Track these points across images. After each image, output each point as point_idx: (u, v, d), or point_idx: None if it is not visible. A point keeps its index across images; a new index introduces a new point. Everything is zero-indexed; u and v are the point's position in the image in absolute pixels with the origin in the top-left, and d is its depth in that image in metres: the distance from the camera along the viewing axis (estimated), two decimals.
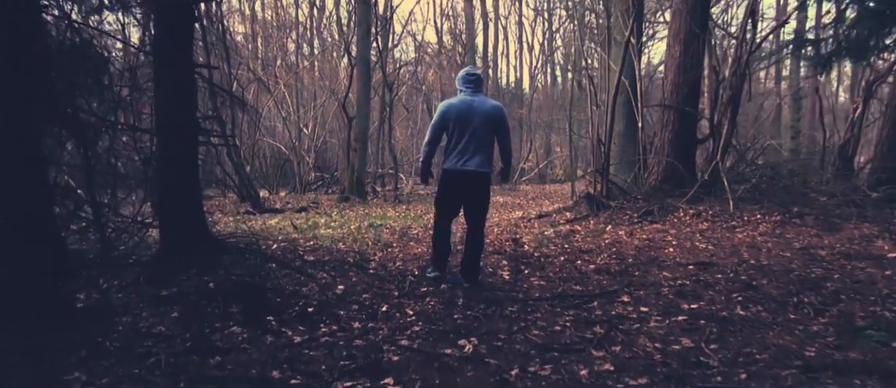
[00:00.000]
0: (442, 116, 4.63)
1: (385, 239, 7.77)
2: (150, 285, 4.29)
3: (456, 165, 4.60)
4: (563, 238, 7.46)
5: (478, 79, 4.76)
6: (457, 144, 4.59)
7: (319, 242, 7.27)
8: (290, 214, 13.40)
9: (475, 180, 4.64)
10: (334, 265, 5.63)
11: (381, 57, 17.33)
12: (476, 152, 4.58)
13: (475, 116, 4.56)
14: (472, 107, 4.60)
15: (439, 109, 4.71)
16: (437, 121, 4.68)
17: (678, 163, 9.11)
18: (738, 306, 4.14)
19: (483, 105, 4.63)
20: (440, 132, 4.70)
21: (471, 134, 4.56)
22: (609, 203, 8.84)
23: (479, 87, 4.74)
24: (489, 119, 4.60)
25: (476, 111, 4.58)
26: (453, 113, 4.59)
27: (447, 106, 4.66)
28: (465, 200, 4.78)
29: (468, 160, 4.57)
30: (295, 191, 20.28)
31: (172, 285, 4.31)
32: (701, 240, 6.78)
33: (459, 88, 4.77)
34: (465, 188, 4.68)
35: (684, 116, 9.20)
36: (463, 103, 4.62)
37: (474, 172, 4.60)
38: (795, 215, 7.65)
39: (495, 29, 33.41)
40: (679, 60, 9.17)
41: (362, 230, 9.05)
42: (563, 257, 6.20)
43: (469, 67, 5.09)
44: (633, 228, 7.74)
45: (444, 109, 4.66)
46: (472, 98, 4.64)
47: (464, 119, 4.56)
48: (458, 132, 4.57)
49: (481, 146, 4.60)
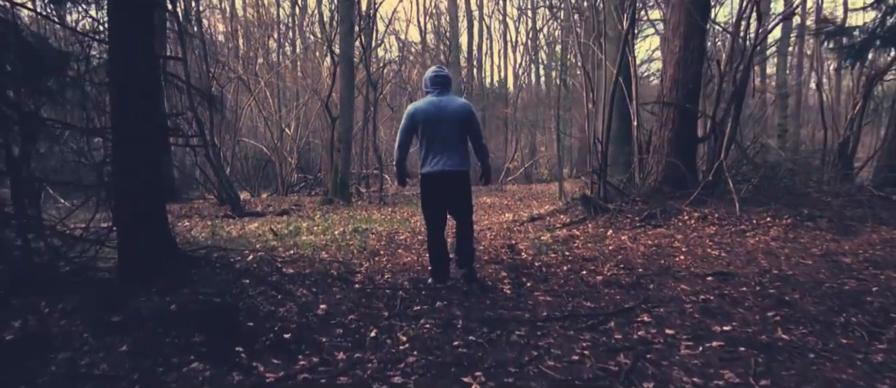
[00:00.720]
0: (410, 118, 4.55)
1: (371, 246, 7.17)
2: (100, 310, 3.65)
3: (432, 168, 4.52)
4: (563, 244, 6.91)
5: (445, 79, 4.64)
6: (430, 146, 4.52)
7: (300, 250, 6.65)
8: (271, 217, 12.74)
9: (453, 180, 4.56)
10: (316, 279, 5.02)
11: (365, 55, 16.69)
12: (449, 153, 4.51)
13: (444, 116, 4.48)
14: (440, 107, 4.50)
15: (406, 111, 4.62)
16: (404, 124, 4.59)
17: (679, 163, 8.60)
18: (777, 328, 3.59)
19: (451, 104, 4.53)
20: (409, 135, 4.61)
21: (441, 135, 4.48)
22: (607, 206, 8.31)
23: (446, 87, 4.62)
24: (458, 118, 4.51)
25: (444, 111, 4.49)
26: (420, 115, 4.50)
27: (414, 108, 4.56)
28: (448, 201, 4.71)
29: (443, 161, 4.50)
30: (277, 193, 19.57)
31: (127, 309, 3.67)
32: (712, 246, 6.26)
33: (426, 89, 4.66)
34: (446, 189, 4.61)
35: (685, 114, 8.69)
36: (430, 105, 4.52)
37: (450, 171, 4.52)
38: (806, 217, 7.17)
39: (480, 28, 32.91)
40: (679, 56, 8.66)
41: (347, 236, 8.44)
42: (565, 266, 5.64)
43: (436, 67, 4.91)
44: (636, 232, 7.21)
45: (411, 111, 4.57)
46: (440, 99, 4.54)
47: (432, 120, 4.47)
48: (428, 134, 4.50)
49: (453, 146, 4.52)
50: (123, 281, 4.19)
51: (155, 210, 4.46)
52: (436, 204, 4.73)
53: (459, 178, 4.59)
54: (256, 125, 22.25)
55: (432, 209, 4.77)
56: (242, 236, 8.37)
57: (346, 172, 15.11)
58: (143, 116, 4.23)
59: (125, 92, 4.18)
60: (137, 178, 4.27)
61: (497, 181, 23.34)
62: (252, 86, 19.67)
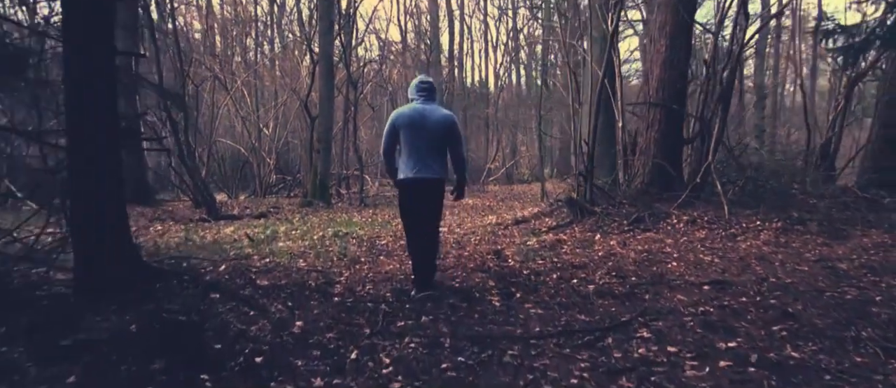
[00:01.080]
0: (393, 123, 4.52)
1: (352, 252, 6.84)
2: (50, 332, 3.29)
3: (409, 174, 4.49)
4: (550, 250, 6.64)
5: (430, 87, 4.63)
6: (409, 153, 4.49)
7: (276, 258, 6.29)
8: (248, 221, 12.33)
9: (428, 187, 4.53)
10: (292, 291, 4.68)
11: (345, 54, 16.32)
12: (428, 160, 4.47)
13: (427, 124, 4.46)
14: (424, 115, 4.48)
15: (390, 117, 4.58)
16: (388, 129, 4.56)
17: (665, 165, 8.39)
18: (786, 344, 3.35)
19: (434, 114, 4.51)
20: (392, 140, 4.58)
21: (422, 143, 4.45)
22: (593, 209, 8.06)
23: (431, 95, 4.62)
24: (441, 128, 4.49)
25: (427, 120, 4.46)
26: (403, 121, 4.47)
27: (397, 114, 4.53)
28: (423, 207, 4.63)
29: (420, 168, 4.46)
30: (255, 194, 19.09)
31: (80, 331, 3.32)
32: (704, 251, 6.03)
33: (412, 96, 4.64)
34: (421, 195, 4.56)
35: (671, 115, 8.48)
36: (414, 112, 4.49)
37: (427, 179, 4.48)
38: (796, 221, 6.99)
39: (461, 28, 32.63)
40: (665, 55, 8.45)
41: (326, 241, 8.10)
42: (555, 274, 5.37)
43: (422, 75, 4.91)
44: (624, 237, 6.97)
45: (394, 116, 4.54)
46: (424, 107, 4.52)
47: (415, 127, 4.45)
48: (409, 141, 4.48)
49: (433, 155, 4.49)
50: (79, 297, 3.82)
51: (116, 218, 4.10)
52: (415, 210, 4.66)
53: (434, 185, 4.55)
54: (234, 125, 21.72)
55: (412, 216, 4.70)
56: (216, 242, 7.98)
57: (326, 173, 14.73)
58: (102, 116, 3.87)
59: (81, 90, 3.81)
60: (95, 182, 3.90)
61: (479, 182, 23.10)
62: (228, 84, 19.16)
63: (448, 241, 7.97)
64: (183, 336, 3.37)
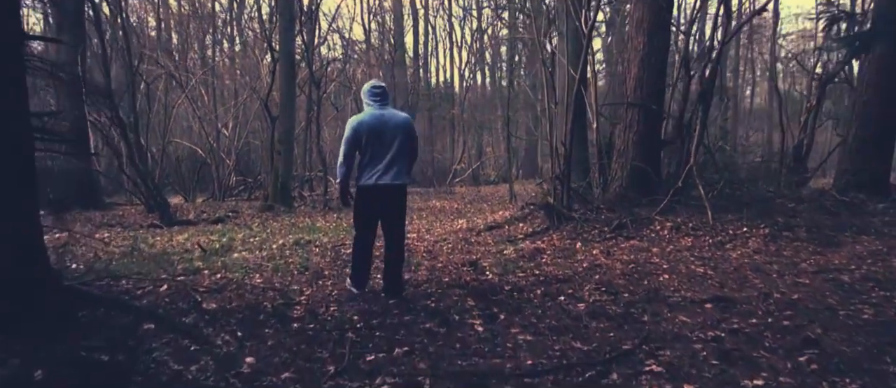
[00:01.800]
0: (354, 131, 4.37)
1: (315, 264, 6.20)
2: None
3: (373, 180, 4.37)
4: (529, 260, 6.11)
5: (384, 92, 4.54)
6: (372, 159, 4.38)
7: (229, 273, 5.60)
8: (204, 226, 11.52)
9: (394, 193, 4.46)
10: (244, 317, 4.03)
11: (307, 52, 15.56)
12: (392, 165, 4.39)
13: (388, 129, 4.38)
14: (385, 120, 4.40)
15: (350, 125, 4.41)
16: (350, 137, 4.39)
17: (645, 167, 7.95)
18: (820, 381, 2.85)
19: (394, 118, 4.45)
20: (354, 149, 4.43)
21: (385, 148, 4.37)
22: (571, 214, 7.56)
23: (385, 99, 4.52)
24: (401, 131, 4.42)
25: (388, 124, 4.40)
26: (365, 128, 4.35)
27: (358, 122, 4.39)
28: (384, 214, 4.56)
29: (385, 174, 4.37)
30: (214, 197, 18.15)
31: None
32: (694, 262, 5.57)
33: (366, 101, 4.51)
34: (384, 202, 4.47)
35: (650, 115, 8.05)
36: (373, 118, 4.39)
37: (392, 185, 4.40)
38: (782, 227, 6.61)
39: (425, 28, 32.01)
40: (643, 53, 8.01)
41: (286, 250, 7.43)
42: (539, 289, 4.83)
43: (373, 80, 4.91)
44: (607, 245, 6.48)
45: (355, 125, 4.39)
46: (382, 111, 4.44)
47: (377, 133, 4.35)
48: (371, 147, 4.37)
49: (397, 158, 4.41)
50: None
51: (25, 234, 3.38)
52: (372, 217, 4.58)
53: (399, 191, 4.49)
54: (191, 125, 20.68)
55: (367, 221, 4.61)
56: (165, 253, 7.22)
57: (288, 175, 13.97)
58: (5, 114, 3.16)
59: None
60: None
61: (445, 183, 22.53)
62: (184, 82, 18.16)
63: (418, 249, 7.37)
64: (102, 383, 2.71)
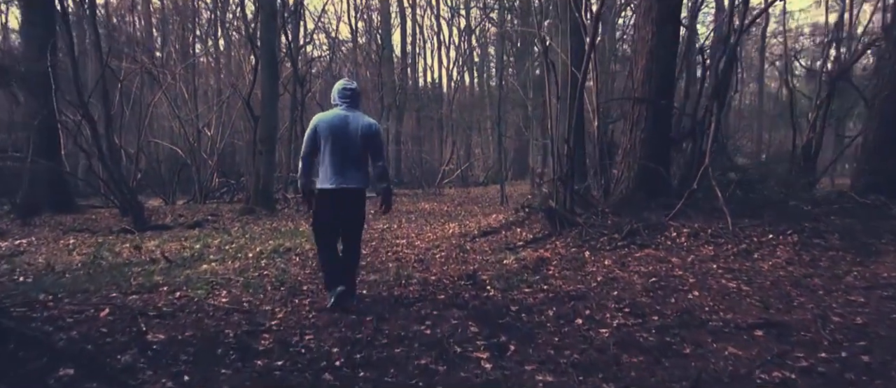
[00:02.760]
0: (314, 129, 4.23)
1: (293, 276, 5.43)
2: None
3: (329, 183, 4.20)
4: (534, 272, 5.36)
5: (354, 93, 4.35)
6: (330, 160, 4.19)
7: (191, 291, 4.79)
8: (180, 231, 10.68)
9: (349, 197, 4.26)
10: (197, 351, 3.24)
11: (290, 49, 14.73)
12: (349, 169, 4.21)
13: (349, 131, 4.20)
14: (347, 122, 4.22)
15: (312, 121, 4.29)
16: (309, 133, 4.26)
17: (657, 168, 7.23)
18: None
19: (358, 121, 4.24)
20: (313, 145, 4.26)
21: (344, 150, 4.19)
22: (575, 219, 6.83)
23: (355, 101, 4.34)
24: (363, 136, 4.23)
25: (350, 126, 4.21)
26: (325, 127, 4.20)
27: (319, 120, 4.25)
28: (340, 218, 4.32)
29: (342, 177, 4.19)
30: (195, 200, 17.25)
31: None
32: (724, 275, 4.85)
33: (335, 101, 4.34)
34: (340, 206, 4.26)
35: (659, 112, 7.34)
36: (337, 118, 4.22)
37: (348, 189, 4.22)
38: (811, 233, 5.91)
39: (413, 27, 31.22)
40: (651, 44, 7.30)
41: (263, 260, 6.64)
42: (550, 309, 4.08)
43: (345, 80, 4.53)
44: (619, 254, 5.74)
45: (316, 122, 4.26)
46: (348, 113, 4.25)
47: (337, 134, 4.17)
48: (330, 148, 4.18)
49: (355, 163, 4.24)
50: None
51: None
52: (330, 220, 4.32)
53: (355, 195, 4.28)
54: (172, 125, 19.73)
55: (327, 226, 4.34)
56: (126, 265, 6.41)
57: (270, 177, 13.13)
58: None
59: None
60: None
61: (434, 185, 21.77)
62: (163, 80, 17.23)
63: (409, 258, 6.61)
64: None
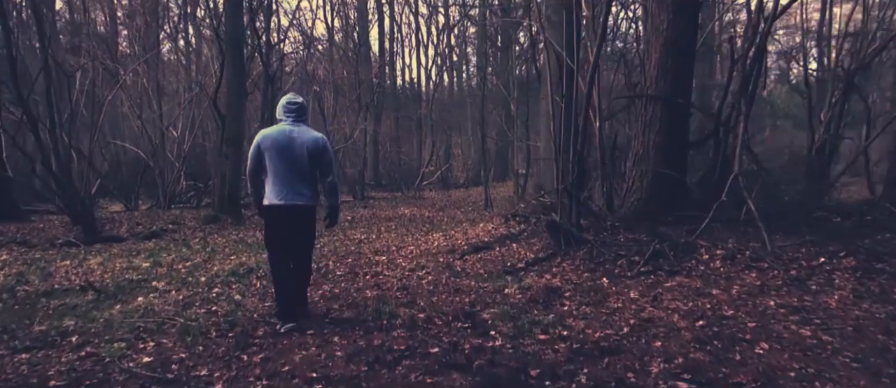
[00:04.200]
0: (257, 145, 4.00)
1: (248, 312, 4.32)
2: None
3: (276, 200, 4.00)
4: (545, 306, 4.29)
5: (300, 107, 4.14)
6: (275, 176, 4.00)
7: (104, 345, 3.60)
8: (134, 243, 9.45)
9: (297, 214, 4.06)
10: None
11: (259, 43, 13.48)
12: (296, 185, 4.00)
13: (294, 147, 3.99)
14: (292, 137, 4.00)
15: (256, 138, 4.06)
16: (252, 151, 4.02)
17: (672, 175, 6.21)
18: None
19: (303, 136, 4.03)
20: (257, 163, 4.04)
21: (289, 166, 3.98)
22: (584, 236, 5.76)
23: (301, 116, 4.12)
24: (309, 151, 4.01)
25: (295, 142, 4.00)
26: (269, 143, 3.97)
27: (263, 136, 4.02)
28: (292, 235, 4.13)
29: (288, 194, 3.99)
30: (159, 205, 15.87)
31: None
32: (788, 316, 3.80)
33: (280, 116, 4.12)
34: (289, 223, 4.08)
35: (675, 111, 6.32)
36: (281, 133, 4.00)
37: (295, 205, 4.01)
38: (868, 254, 4.91)
39: (391, 25, 29.98)
40: (666, 34, 6.27)
41: (216, 287, 5.49)
42: (581, 372, 3.01)
43: (291, 94, 4.34)
44: (646, 284, 4.68)
45: (259, 138, 4.02)
46: (293, 128, 4.04)
47: (281, 150, 3.97)
48: (274, 164, 3.98)
49: (301, 179, 4.03)
50: None
51: None
52: (281, 238, 4.14)
53: (303, 212, 4.10)
54: (134, 126, 18.24)
55: (278, 243, 4.16)
56: (49, 293, 5.19)
57: (237, 182, 11.87)
58: None
59: None
60: None
61: (414, 187, 20.63)
62: (121, 76, 15.79)
63: (391, 284, 5.49)
64: None
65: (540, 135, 17.27)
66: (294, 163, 3.96)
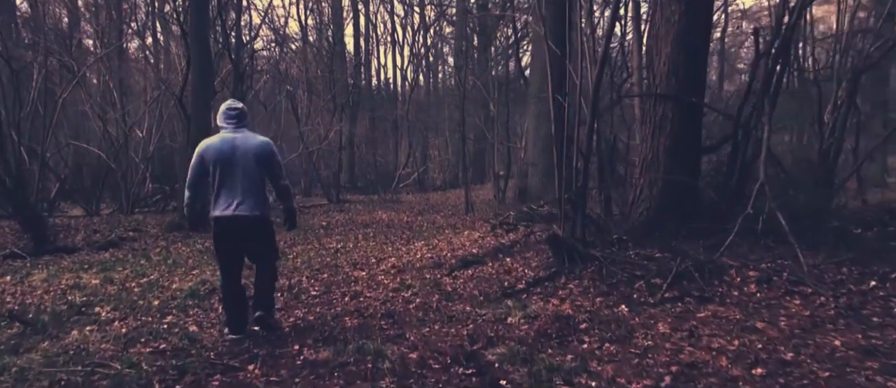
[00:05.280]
0: (199, 157, 3.76)
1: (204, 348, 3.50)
2: None
3: (225, 211, 3.73)
4: (560, 343, 3.54)
5: (241, 113, 3.88)
6: (221, 187, 3.74)
7: None
8: (86, 255, 8.51)
9: (250, 226, 3.79)
10: None
11: (226, 38, 12.53)
12: (244, 195, 3.74)
13: (238, 154, 3.74)
14: (235, 145, 3.75)
15: (197, 150, 3.82)
16: (194, 162, 3.77)
17: (685, 183, 5.52)
18: None
19: (248, 142, 3.79)
20: (199, 175, 3.79)
21: (236, 175, 3.73)
22: (592, 253, 5.03)
23: (242, 121, 3.87)
24: (256, 157, 3.77)
25: (239, 149, 3.74)
26: (212, 154, 3.73)
27: (205, 147, 3.77)
28: (245, 247, 3.89)
29: (237, 205, 3.72)
30: (122, 209, 14.75)
31: None
32: (864, 360, 3.08)
33: (220, 124, 3.86)
34: (242, 235, 3.82)
35: (688, 112, 5.63)
36: (223, 142, 3.75)
37: (246, 216, 3.73)
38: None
39: (366, 24, 29.06)
40: (678, 27, 5.58)
41: (170, 313, 4.64)
42: None
43: (230, 100, 3.99)
44: (674, 313, 3.95)
45: (201, 149, 3.78)
46: (235, 135, 3.79)
47: (226, 159, 3.72)
48: (220, 174, 3.72)
49: (249, 187, 3.76)
50: None
51: None
52: (230, 250, 3.84)
53: (256, 223, 3.80)
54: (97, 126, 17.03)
55: (226, 255, 3.86)
56: None
57: None
58: None
59: None
60: None
61: (390, 190, 19.77)
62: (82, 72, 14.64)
63: (374, 308, 4.69)
64: None
65: (520, 137, 16.58)
66: (242, 171, 3.72)
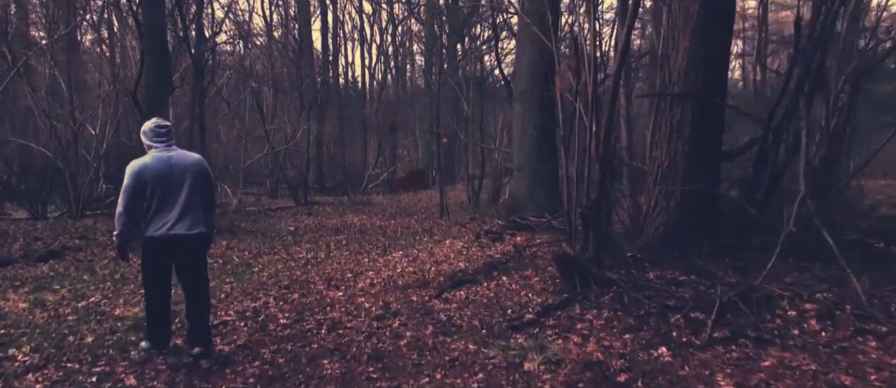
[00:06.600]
0: (136, 178, 3.46)
1: None
2: None
3: (162, 231, 3.48)
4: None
5: (169, 131, 3.66)
6: (161, 207, 3.49)
7: None
8: (21, 268, 7.37)
9: (189, 244, 3.58)
10: None
11: (185, 29, 11.36)
12: (186, 213, 3.53)
13: (176, 172, 3.53)
14: (172, 163, 3.54)
15: (131, 171, 3.51)
16: (130, 185, 3.46)
17: (705, 195, 4.78)
18: None
19: (184, 160, 3.61)
20: (137, 198, 3.48)
21: (176, 194, 3.51)
22: (609, 276, 4.23)
23: (171, 139, 3.64)
24: (193, 175, 3.59)
25: (177, 167, 3.54)
26: (150, 174, 3.47)
27: (140, 167, 3.47)
28: (178, 267, 3.64)
29: (178, 223, 3.50)
30: (71, 213, 13.39)
31: None
32: None
33: (150, 143, 3.57)
34: (178, 254, 3.59)
35: (708, 113, 4.89)
36: (159, 161, 3.51)
37: (188, 235, 3.54)
38: None
39: (334, 22, 27.85)
40: (697, 18, 4.84)
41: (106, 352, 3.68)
42: None
43: (156, 118, 3.72)
44: (729, 360, 3.15)
45: (137, 170, 3.47)
46: (170, 153, 3.57)
47: (164, 178, 3.49)
48: (159, 194, 3.48)
49: (191, 205, 3.57)
50: None
51: None
52: (163, 272, 3.63)
53: (196, 241, 3.59)
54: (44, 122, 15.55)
55: (158, 277, 3.64)
56: None
57: None
58: None
59: None
60: None
61: (360, 191, 18.77)
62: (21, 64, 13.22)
63: (357, 345, 3.79)
64: None
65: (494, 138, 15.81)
66: (179, 190, 3.51)
